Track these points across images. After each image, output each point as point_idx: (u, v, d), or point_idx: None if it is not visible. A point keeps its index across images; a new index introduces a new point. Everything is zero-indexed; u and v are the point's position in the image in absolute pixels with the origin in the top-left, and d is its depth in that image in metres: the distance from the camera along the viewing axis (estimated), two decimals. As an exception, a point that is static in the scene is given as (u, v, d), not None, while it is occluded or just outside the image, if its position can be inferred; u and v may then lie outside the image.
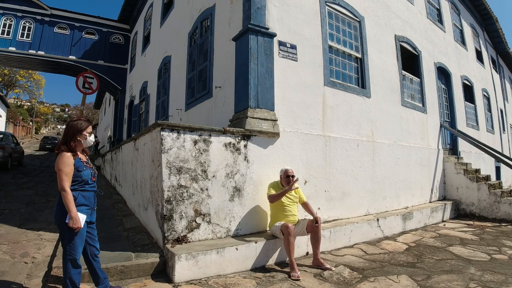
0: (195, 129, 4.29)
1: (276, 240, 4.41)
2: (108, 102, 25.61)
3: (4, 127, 37.77)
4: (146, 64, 12.34)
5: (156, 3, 11.79)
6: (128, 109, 15.02)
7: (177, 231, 4.07)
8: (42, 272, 3.87)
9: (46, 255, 4.41)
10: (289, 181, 4.56)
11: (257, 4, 5.30)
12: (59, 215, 2.93)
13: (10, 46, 14.67)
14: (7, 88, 47.70)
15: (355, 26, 7.05)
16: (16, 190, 8.67)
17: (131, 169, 6.16)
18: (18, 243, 4.81)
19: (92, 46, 15.72)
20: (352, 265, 4.38)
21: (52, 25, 15.31)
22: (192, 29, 7.61)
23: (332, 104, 6.17)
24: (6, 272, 3.79)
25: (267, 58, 5.21)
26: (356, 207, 6.29)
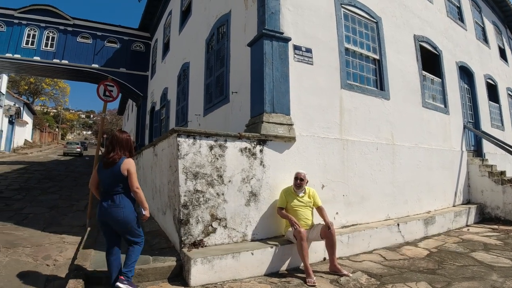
0: (210, 134, 4.35)
1: (292, 245, 4.38)
2: (131, 108, 26.23)
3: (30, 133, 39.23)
4: (166, 71, 12.58)
5: (174, 11, 12.02)
6: (150, 115, 15.34)
7: (193, 235, 4.12)
8: (63, 274, 4.02)
9: (67, 258, 4.57)
10: (297, 183, 4.57)
11: (271, 9, 5.33)
12: (128, 211, 3.38)
13: (34, 55, 15.26)
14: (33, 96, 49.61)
15: (372, 27, 6.96)
16: (40, 195, 8.99)
17: (151, 174, 6.27)
18: (41, 246, 5.01)
19: (114, 54, 16.17)
20: (370, 272, 4.31)
21: (75, 35, 15.85)
22: (209, 35, 7.71)
23: (350, 107, 6.11)
24: (28, 274, 3.96)
25: (282, 63, 5.22)
26: (376, 212, 6.17)
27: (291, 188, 4.66)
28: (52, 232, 5.74)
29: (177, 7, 11.50)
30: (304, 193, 4.65)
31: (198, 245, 4.09)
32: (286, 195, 4.60)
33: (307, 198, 4.65)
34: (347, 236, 5.09)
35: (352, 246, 5.12)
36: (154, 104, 14.46)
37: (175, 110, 10.51)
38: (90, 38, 15.99)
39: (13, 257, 4.49)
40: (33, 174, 13.12)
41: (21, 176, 12.33)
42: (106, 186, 3.42)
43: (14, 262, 4.30)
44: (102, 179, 3.48)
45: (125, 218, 3.37)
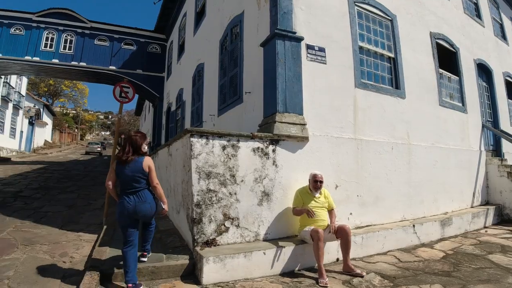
0: (223, 134, 4.38)
1: (304, 245, 4.38)
2: (148, 109, 26.66)
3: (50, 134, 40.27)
4: (181, 72, 12.72)
5: (189, 13, 12.14)
6: (166, 116, 15.55)
7: (206, 234, 4.17)
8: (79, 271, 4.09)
9: (83, 255, 4.67)
10: (317, 186, 4.56)
11: (284, 9, 5.33)
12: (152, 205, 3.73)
13: (53, 58, 15.71)
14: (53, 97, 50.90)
15: (386, 25, 6.87)
16: (59, 194, 9.20)
17: (166, 173, 6.35)
18: (58, 244, 5.14)
19: (131, 56, 16.50)
20: (384, 273, 4.26)
21: (92, 38, 16.24)
22: (223, 36, 7.75)
23: (364, 106, 6.05)
24: (45, 271, 4.08)
25: (295, 62, 5.21)
26: (391, 212, 6.08)
27: (307, 189, 4.65)
28: (70, 230, 5.87)
29: (192, 9, 11.61)
30: (320, 194, 4.65)
31: (210, 244, 4.13)
32: (302, 195, 4.58)
33: (323, 199, 4.65)
34: (361, 237, 5.04)
35: (366, 247, 5.08)
36: (170, 104, 14.65)
37: (190, 110, 10.60)
38: (107, 41, 16.34)
39: (31, 254, 4.62)
40: (52, 174, 13.43)
41: (40, 176, 12.64)
42: (129, 183, 3.64)
43: (31, 259, 4.42)
44: (123, 178, 3.67)
45: (152, 211, 3.73)
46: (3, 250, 4.62)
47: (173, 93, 13.92)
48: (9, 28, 15.47)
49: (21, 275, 3.90)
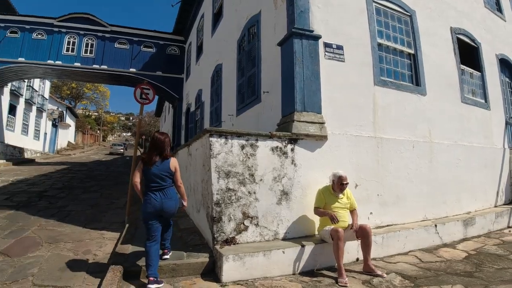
0: (242, 134, 4.41)
1: (324, 245, 4.36)
2: (167, 110, 27.06)
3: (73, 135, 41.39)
4: (200, 73, 12.85)
5: (207, 14, 12.26)
6: (185, 116, 15.76)
7: (226, 233, 4.21)
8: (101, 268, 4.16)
9: (106, 253, 4.77)
10: (343, 188, 4.51)
11: (301, 8, 5.31)
12: (176, 202, 3.95)
13: (75, 62, 16.16)
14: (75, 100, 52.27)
15: (405, 21, 6.75)
16: (82, 193, 9.43)
17: (186, 173, 6.41)
18: (81, 242, 5.27)
19: (150, 59, 16.82)
20: (405, 273, 4.19)
21: (112, 41, 16.62)
22: (240, 36, 7.79)
23: (384, 104, 5.96)
24: (69, 268, 4.20)
25: (313, 61, 5.19)
26: (412, 212, 5.96)
27: (330, 189, 4.60)
28: (93, 228, 6.01)
29: (209, 10, 11.71)
30: (343, 194, 4.61)
31: (230, 242, 4.16)
32: (325, 195, 4.54)
33: (346, 199, 4.60)
34: (381, 237, 4.97)
35: (387, 247, 5.00)
36: (189, 105, 14.82)
37: (209, 110, 10.70)
38: (127, 44, 16.68)
39: (55, 251, 4.75)
40: (75, 174, 13.78)
41: (64, 176, 12.97)
42: (157, 181, 3.84)
43: (55, 257, 4.55)
44: (151, 176, 3.85)
45: (176, 208, 3.95)
46: (28, 248, 4.76)
47: (192, 94, 14.08)
48: (31, 33, 15.99)
49: (45, 272, 4.03)
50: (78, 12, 16.65)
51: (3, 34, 15.68)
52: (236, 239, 4.22)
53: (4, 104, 20.40)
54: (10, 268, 4.10)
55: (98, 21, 16.62)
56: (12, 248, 4.74)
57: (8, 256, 4.46)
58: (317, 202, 4.58)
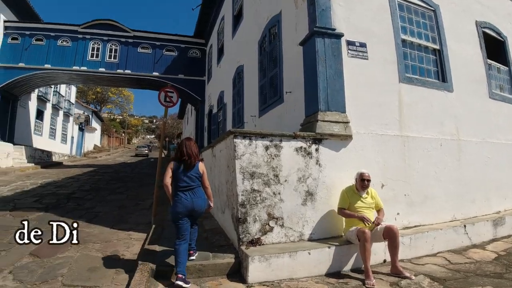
0: (266, 135, 4.41)
1: (350, 246, 4.29)
2: (190, 112, 27.46)
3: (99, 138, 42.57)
4: (221, 75, 12.96)
5: (227, 16, 12.34)
6: (208, 118, 15.91)
7: (251, 234, 4.21)
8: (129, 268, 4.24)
9: (134, 253, 4.85)
10: (364, 185, 4.45)
11: (322, 6, 5.27)
12: (205, 201, 4.10)
13: (100, 67, 16.67)
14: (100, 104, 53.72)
15: (429, 16, 6.59)
16: (109, 195, 9.64)
17: (210, 174, 6.38)
18: (109, 242, 5.38)
19: (173, 62, 17.17)
20: (433, 275, 4.07)
21: (135, 46, 17.05)
22: (261, 37, 7.81)
23: (409, 101, 5.83)
24: (98, 268, 4.28)
25: (336, 60, 5.13)
26: (440, 212, 5.78)
27: (353, 188, 4.55)
28: (120, 229, 6.13)
29: (229, 13, 11.79)
30: (367, 194, 4.55)
31: (255, 243, 4.16)
32: (348, 195, 4.49)
33: (370, 199, 4.54)
34: (409, 238, 4.84)
35: (415, 248, 4.87)
36: (211, 107, 14.97)
37: (231, 112, 10.77)
38: (149, 48, 17.06)
39: (84, 252, 4.86)
40: (102, 176, 14.12)
41: (91, 178, 13.32)
42: (187, 182, 4.00)
43: (84, 257, 4.66)
44: (182, 177, 4.01)
45: (204, 207, 4.09)
46: (57, 249, 4.81)
47: (214, 95, 14.21)
48: (56, 41, 16.60)
49: (74, 272, 4.12)
50: (101, 19, 17.15)
51: (29, 42, 16.35)
52: (261, 240, 4.22)
53: (31, 109, 21.14)
54: (40, 268, 4.19)
55: (121, 27, 17.06)
56: (41, 249, 4.81)
57: (37, 257, 4.57)
58: (341, 202, 4.53)
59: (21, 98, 18.74)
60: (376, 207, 4.56)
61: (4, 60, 16.02)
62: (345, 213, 4.45)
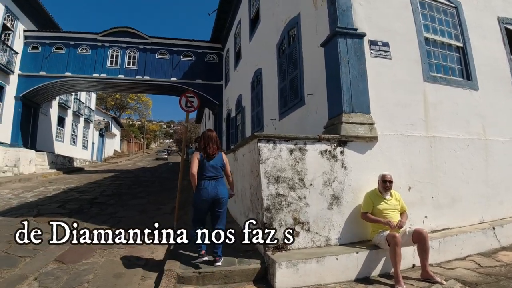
0: (290, 138, 4.36)
1: (378, 251, 4.20)
2: (207, 116, 27.67)
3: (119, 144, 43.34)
4: (239, 78, 13.01)
5: (243, 20, 12.39)
6: (226, 122, 15.99)
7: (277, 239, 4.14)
8: (155, 273, 4.25)
9: (159, 258, 4.85)
10: (386, 186, 4.39)
11: (342, 6, 5.22)
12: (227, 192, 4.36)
13: (119, 74, 17.00)
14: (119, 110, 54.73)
15: (451, 13, 6.46)
16: (131, 200, 9.68)
17: (232, 178, 6.41)
18: (133, 248, 5.31)
19: (190, 67, 17.39)
20: (464, 279, 3.94)
21: (153, 52, 17.32)
22: (280, 40, 7.78)
23: (435, 101, 5.69)
24: (123, 274, 4.26)
25: (358, 60, 5.06)
26: (468, 214, 5.61)
27: (376, 191, 4.49)
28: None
29: (246, 16, 11.83)
30: (391, 196, 4.47)
31: (281, 249, 4.10)
32: (372, 198, 4.42)
33: (394, 201, 4.46)
34: (437, 242, 4.70)
35: (444, 252, 4.72)
36: (229, 111, 15.04)
37: (250, 115, 10.78)
38: (167, 54, 17.30)
39: (109, 258, 4.85)
40: (123, 181, 14.25)
41: (112, 183, 13.44)
42: (212, 172, 4.26)
43: (109, 263, 4.65)
44: (207, 167, 4.25)
45: (227, 194, 4.34)
46: (82, 255, 4.86)
47: (232, 99, 14.27)
48: (76, 49, 17.02)
49: (100, 279, 4.11)
50: (119, 26, 17.51)
51: (49, 51, 16.78)
52: (287, 245, 4.15)
53: (53, 116, 21.64)
54: (66, 275, 4.17)
55: (139, 34, 17.34)
56: (67, 255, 4.84)
57: (63, 263, 4.55)
58: (364, 206, 4.46)
59: (43, 106, 19.21)
60: (401, 209, 4.48)
61: (25, 69, 16.50)
62: (369, 218, 4.36)
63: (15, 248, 4.97)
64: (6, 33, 15.71)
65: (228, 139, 15.16)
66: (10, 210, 7.69)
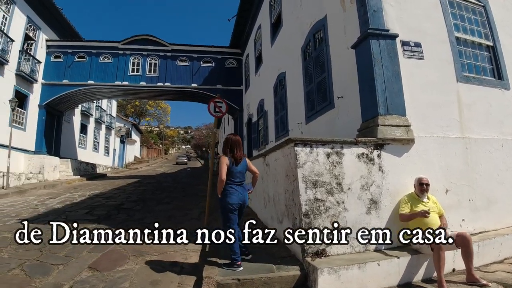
0: (326, 142, 4.31)
1: (420, 255, 4.10)
2: (226, 121, 27.78)
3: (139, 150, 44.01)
4: (260, 83, 13.00)
5: (264, 25, 12.40)
6: (247, 127, 16.00)
7: (316, 245, 4.08)
8: (191, 281, 4.22)
9: (193, 264, 4.81)
10: (423, 189, 4.33)
11: (373, 7, 5.16)
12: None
13: (140, 81, 17.24)
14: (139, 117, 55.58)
15: (480, 12, 6.34)
16: (156, 205, 9.73)
17: (262, 183, 6.42)
18: (166, 254, 5.31)
19: (210, 73, 17.56)
20: (505, 282, 3.84)
21: (174, 59, 17.57)
22: (305, 43, 7.73)
23: (468, 101, 5.56)
24: (159, 281, 4.21)
25: (392, 61, 4.99)
26: (504, 216, 5.44)
27: (413, 195, 4.43)
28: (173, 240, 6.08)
29: (266, 21, 11.84)
30: (428, 199, 4.40)
31: (320, 255, 4.04)
32: (409, 200, 4.35)
33: (432, 203, 4.38)
34: (476, 245, 4.52)
35: (482, 255, 4.57)
36: (250, 116, 15.05)
37: (273, 120, 10.73)
38: (187, 61, 17.51)
39: (143, 264, 4.77)
40: (146, 187, 14.41)
41: (136, 189, 13.58)
42: (240, 178, 4.36)
43: (144, 270, 4.57)
44: (236, 173, 4.33)
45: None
46: (116, 262, 4.82)
47: (253, 104, 14.28)
48: (98, 57, 17.39)
49: (137, 286, 4.05)
50: (140, 34, 17.79)
51: (71, 59, 17.19)
52: (326, 251, 4.09)
53: (76, 124, 22.11)
54: (101, 283, 4.10)
55: (159, 42, 17.61)
56: (100, 262, 4.80)
57: (97, 271, 4.48)
58: (401, 208, 4.39)
59: (66, 113, 19.65)
60: (438, 212, 4.39)
61: (48, 78, 16.94)
62: (406, 216, 4.30)
63: (46, 255, 4.97)
64: (29, 42, 16.15)
65: (249, 144, 15.16)
66: (38, 217, 7.72)
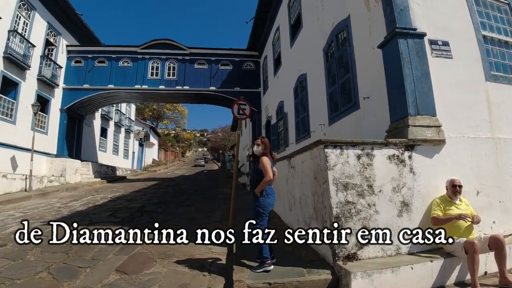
0: (357, 143, 4.26)
1: (453, 259, 4.02)
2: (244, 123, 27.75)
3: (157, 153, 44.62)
4: (279, 85, 12.95)
5: (282, 26, 12.36)
6: (265, 129, 15.95)
7: (347, 248, 4.04)
8: (220, 284, 4.17)
9: (220, 267, 4.75)
10: (456, 191, 4.25)
11: (400, 6, 5.10)
12: None
13: (160, 85, 17.44)
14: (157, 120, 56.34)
15: (505, 10, 6.21)
16: (177, 208, 9.77)
17: (286, 186, 6.39)
18: (192, 256, 5.25)
19: (228, 76, 17.64)
20: (538, 286, 3.69)
21: (192, 62, 17.70)
22: (327, 43, 7.68)
23: (498, 100, 5.42)
24: (188, 285, 4.16)
25: (421, 60, 4.90)
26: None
27: (446, 197, 4.34)
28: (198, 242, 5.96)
29: (285, 23, 11.80)
30: (460, 201, 4.32)
31: (352, 258, 3.98)
32: (442, 202, 4.27)
33: (464, 205, 4.30)
34: (508, 247, 4.37)
35: None
36: (269, 118, 15.00)
37: (294, 122, 10.68)
38: (205, 64, 17.63)
39: (170, 267, 4.74)
40: (166, 189, 14.54)
41: (157, 192, 13.72)
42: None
43: (172, 273, 4.54)
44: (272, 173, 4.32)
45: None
46: (143, 264, 4.80)
47: (272, 106, 14.24)
48: (118, 62, 17.65)
49: (167, 290, 4.02)
50: (159, 39, 17.99)
51: (92, 64, 17.51)
52: (358, 254, 4.03)
53: (96, 127, 22.47)
54: (130, 286, 4.08)
55: (177, 45, 17.80)
56: (127, 264, 4.78)
57: (125, 274, 4.45)
58: (434, 211, 4.30)
59: (86, 117, 20.02)
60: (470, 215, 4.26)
61: (69, 82, 17.26)
62: (440, 220, 4.20)
63: (73, 258, 4.98)
64: (50, 48, 16.49)
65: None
66: (61, 219, 7.78)
